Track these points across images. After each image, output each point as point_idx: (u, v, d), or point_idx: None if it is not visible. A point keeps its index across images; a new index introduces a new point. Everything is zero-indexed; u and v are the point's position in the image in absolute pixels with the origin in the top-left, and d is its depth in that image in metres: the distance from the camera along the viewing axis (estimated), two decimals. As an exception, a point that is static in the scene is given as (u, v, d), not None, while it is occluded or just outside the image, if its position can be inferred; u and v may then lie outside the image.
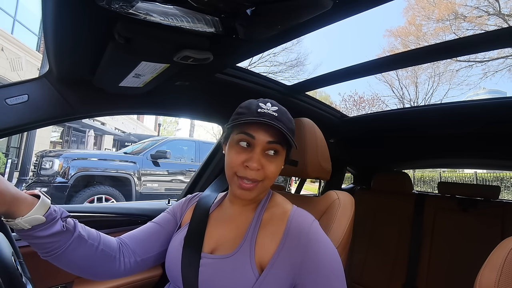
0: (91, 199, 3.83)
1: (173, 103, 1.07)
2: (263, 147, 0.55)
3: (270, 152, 0.56)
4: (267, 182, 0.57)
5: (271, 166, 0.56)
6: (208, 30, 0.53)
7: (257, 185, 0.56)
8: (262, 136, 0.55)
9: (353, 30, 37.82)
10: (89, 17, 0.49)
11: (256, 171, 0.54)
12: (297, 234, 0.53)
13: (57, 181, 3.73)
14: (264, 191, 0.60)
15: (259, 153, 0.55)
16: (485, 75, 12.47)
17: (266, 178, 0.56)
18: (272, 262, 0.51)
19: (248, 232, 0.56)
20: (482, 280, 0.49)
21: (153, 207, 1.33)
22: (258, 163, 0.54)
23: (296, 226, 0.55)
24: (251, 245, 0.54)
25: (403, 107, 9.16)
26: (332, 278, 0.50)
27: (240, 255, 0.53)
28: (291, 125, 0.59)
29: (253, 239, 0.55)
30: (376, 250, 1.74)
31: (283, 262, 0.51)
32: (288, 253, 0.52)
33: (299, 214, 0.58)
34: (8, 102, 0.73)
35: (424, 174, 11.73)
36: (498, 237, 1.38)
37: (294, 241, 0.53)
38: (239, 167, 0.55)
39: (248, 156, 0.55)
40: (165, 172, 4.69)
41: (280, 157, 0.58)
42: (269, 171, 0.55)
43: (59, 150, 5.40)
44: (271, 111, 0.56)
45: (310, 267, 0.50)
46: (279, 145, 0.56)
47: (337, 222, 0.70)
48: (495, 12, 10.86)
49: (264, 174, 0.55)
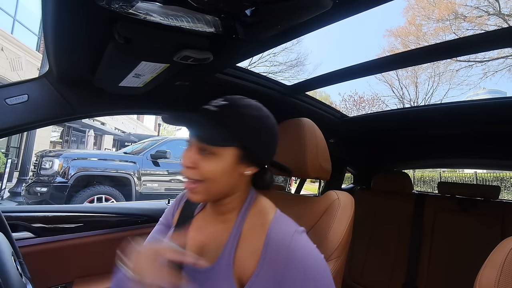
0: (91, 199, 3.83)
1: (173, 103, 1.07)
2: (196, 145, 0.52)
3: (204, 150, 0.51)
4: (210, 184, 0.51)
5: (206, 165, 0.50)
6: (208, 30, 0.53)
7: (197, 186, 0.51)
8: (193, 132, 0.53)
9: (353, 30, 37.85)
10: (89, 17, 0.49)
11: (189, 169, 0.51)
12: (276, 248, 0.48)
13: (57, 181, 3.73)
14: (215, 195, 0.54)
15: (192, 151, 0.52)
16: (485, 75, 12.49)
17: (206, 179, 0.51)
18: (253, 281, 0.47)
19: (227, 244, 0.53)
20: (482, 280, 0.49)
21: (153, 207, 1.33)
22: (188, 161, 0.51)
23: (275, 240, 0.49)
24: (229, 259, 0.50)
25: (403, 107, 9.17)
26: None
27: (219, 270, 0.50)
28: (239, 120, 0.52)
29: (231, 253, 0.51)
30: (376, 250, 1.74)
31: (264, 280, 0.47)
32: (269, 270, 0.47)
33: (279, 225, 0.52)
34: (8, 102, 0.73)
35: (424, 174, 11.73)
36: (498, 237, 1.38)
37: (274, 256, 0.48)
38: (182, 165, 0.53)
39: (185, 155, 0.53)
40: (165, 172, 4.69)
41: (220, 158, 0.51)
42: (203, 170, 0.50)
43: (59, 150, 5.40)
44: (214, 106, 0.52)
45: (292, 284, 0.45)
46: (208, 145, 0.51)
47: (337, 222, 0.70)
48: (495, 12, 10.86)
49: (200, 173, 0.51)
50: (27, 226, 0.96)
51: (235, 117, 0.51)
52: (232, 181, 0.53)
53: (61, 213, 1.06)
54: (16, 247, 0.63)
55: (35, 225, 0.97)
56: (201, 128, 0.50)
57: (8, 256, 0.50)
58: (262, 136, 0.54)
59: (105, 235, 1.12)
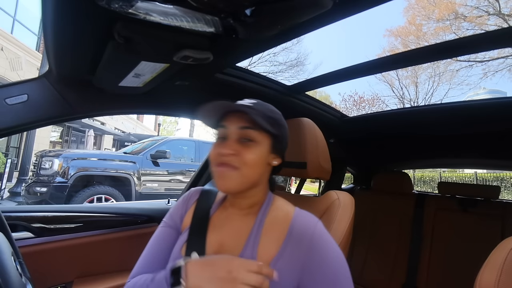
0: (90, 199, 3.83)
1: (173, 103, 1.07)
2: (235, 133, 0.54)
3: (245, 139, 0.54)
4: (246, 170, 0.52)
5: (248, 152, 0.53)
6: (208, 30, 0.53)
7: (232, 172, 0.52)
8: (233, 123, 0.54)
9: (353, 30, 37.83)
10: (89, 16, 0.49)
11: (230, 156, 0.52)
12: (300, 236, 0.52)
13: (56, 181, 3.73)
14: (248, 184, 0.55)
15: (233, 140, 0.54)
16: (485, 75, 12.48)
17: (244, 165, 0.52)
18: (274, 264, 0.50)
19: (250, 238, 0.54)
20: (482, 280, 0.49)
21: (153, 207, 1.33)
22: (230, 148, 0.52)
23: (299, 229, 0.53)
24: (253, 252, 0.52)
25: (403, 107, 9.17)
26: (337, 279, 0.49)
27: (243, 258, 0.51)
28: (272, 114, 0.57)
29: (255, 246, 0.53)
30: (376, 250, 1.74)
31: (285, 263, 0.50)
32: (291, 255, 0.51)
33: (302, 216, 0.57)
34: (7, 102, 0.73)
35: (424, 174, 11.73)
36: (498, 237, 1.38)
37: (297, 243, 0.51)
38: (215, 158, 0.54)
39: (222, 146, 0.54)
40: (164, 172, 4.69)
41: (259, 145, 0.54)
42: (246, 157, 0.52)
43: (59, 150, 5.40)
44: (247, 102, 0.56)
45: (314, 268, 0.49)
46: (252, 130, 0.53)
47: (337, 222, 0.70)
48: (495, 12, 10.86)
49: (240, 160, 0.52)
50: (26, 226, 0.95)
51: (270, 112, 0.57)
52: (263, 169, 0.57)
53: (61, 213, 1.06)
54: (16, 247, 0.63)
55: (34, 225, 0.97)
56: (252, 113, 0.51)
57: (8, 256, 0.50)
58: (285, 130, 0.61)
59: (105, 235, 1.12)
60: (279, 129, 0.57)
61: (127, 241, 1.16)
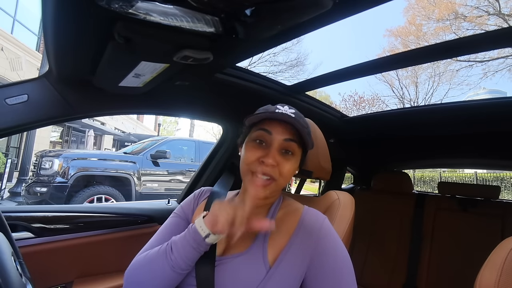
0: (91, 199, 3.83)
1: (173, 103, 1.07)
2: (279, 144, 0.55)
3: (286, 151, 0.56)
4: (281, 181, 0.56)
5: (287, 164, 0.55)
6: (208, 30, 0.53)
7: (271, 183, 0.55)
8: (279, 132, 0.55)
9: (353, 30, 37.85)
10: (89, 17, 0.49)
11: (271, 167, 0.54)
12: (309, 229, 0.55)
13: (56, 181, 3.73)
14: (277, 192, 0.59)
15: (275, 149, 0.55)
16: (485, 75, 12.50)
17: (280, 177, 0.55)
18: (284, 254, 0.53)
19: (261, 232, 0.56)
20: (482, 280, 0.49)
21: (153, 207, 1.33)
22: (274, 159, 0.54)
23: (308, 222, 0.57)
24: (264, 242, 0.55)
25: (403, 107, 9.17)
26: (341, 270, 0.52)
27: (254, 251, 0.54)
28: (308, 128, 0.59)
29: (266, 238, 0.55)
30: (376, 250, 1.74)
31: (294, 254, 0.53)
32: (300, 245, 0.54)
33: (311, 212, 0.60)
34: (8, 102, 0.73)
35: (424, 174, 11.73)
36: (498, 237, 1.38)
37: (306, 235, 0.55)
38: (254, 163, 0.55)
39: (264, 153, 0.55)
40: (165, 172, 4.69)
41: (296, 158, 0.57)
42: (285, 169, 0.55)
43: (59, 150, 5.40)
44: (289, 112, 0.56)
45: (321, 259, 0.52)
46: (295, 144, 0.56)
47: (337, 222, 0.70)
48: (495, 12, 10.86)
49: (279, 172, 0.55)
50: (27, 226, 0.95)
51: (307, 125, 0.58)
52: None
53: (61, 213, 1.06)
54: (16, 247, 0.63)
55: (35, 225, 0.97)
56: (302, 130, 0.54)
57: (8, 256, 0.50)
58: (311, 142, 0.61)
59: (105, 235, 1.12)
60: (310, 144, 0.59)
61: (127, 241, 1.16)
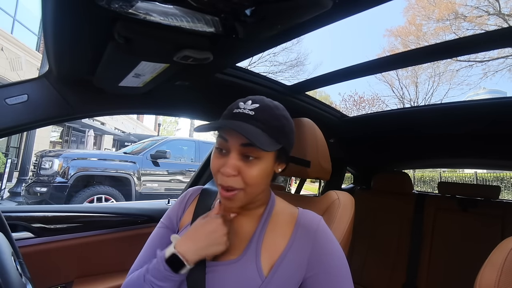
0: (91, 199, 3.83)
1: (173, 103, 1.07)
2: (238, 150, 0.50)
3: (248, 156, 0.50)
4: (250, 189, 0.50)
5: (251, 171, 0.49)
6: (208, 30, 0.53)
7: (237, 194, 0.50)
8: (235, 138, 0.49)
9: (353, 30, 37.85)
10: (89, 17, 0.49)
11: (232, 177, 0.49)
12: (306, 230, 0.54)
13: (56, 181, 3.73)
14: (252, 200, 0.54)
15: (234, 157, 0.49)
16: (485, 75, 12.49)
17: (247, 185, 0.49)
18: (280, 261, 0.51)
19: (254, 236, 0.54)
20: (482, 280, 0.49)
21: (153, 207, 1.33)
22: (232, 168, 0.48)
23: (304, 224, 0.55)
24: (257, 249, 0.52)
25: (403, 107, 9.17)
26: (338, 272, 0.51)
27: (246, 259, 0.51)
28: (277, 122, 0.52)
29: (259, 243, 0.53)
30: (376, 250, 1.74)
31: (291, 261, 0.51)
32: (298, 248, 0.52)
33: (306, 213, 0.59)
34: (8, 102, 0.73)
35: (424, 174, 11.73)
36: (498, 237, 1.38)
37: (303, 236, 0.53)
38: (217, 174, 0.51)
39: (223, 162, 0.50)
40: (164, 172, 4.69)
41: (263, 161, 0.51)
42: (248, 176, 0.49)
43: (59, 150, 5.40)
44: (248, 109, 0.51)
45: (317, 260, 0.51)
46: (254, 148, 0.48)
47: (337, 222, 0.70)
48: (495, 12, 10.86)
49: (243, 181, 0.49)
50: (27, 226, 0.95)
51: (274, 120, 0.52)
52: (269, 180, 0.55)
53: (61, 213, 1.06)
54: (16, 247, 0.63)
55: (35, 225, 0.97)
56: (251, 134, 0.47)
57: (8, 256, 0.50)
58: (292, 134, 0.57)
59: (105, 235, 1.12)
60: (285, 138, 0.53)
61: (127, 241, 1.16)
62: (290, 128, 0.56)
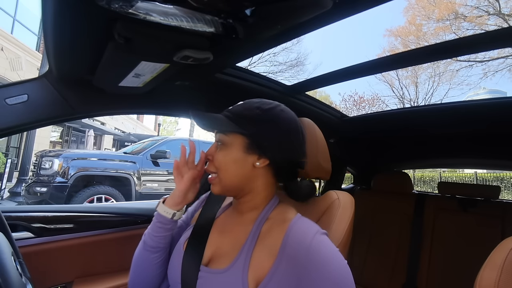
0: (91, 199, 3.83)
1: (173, 103, 1.07)
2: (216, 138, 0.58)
3: (219, 142, 0.57)
4: (221, 174, 0.55)
5: (218, 155, 0.56)
6: (208, 30, 0.53)
7: (215, 178, 0.57)
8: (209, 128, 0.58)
9: (353, 30, 37.85)
10: (89, 17, 0.49)
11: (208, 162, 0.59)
12: (295, 248, 0.46)
13: (56, 181, 3.73)
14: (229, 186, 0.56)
15: (214, 145, 0.58)
16: (485, 75, 12.49)
17: (218, 170, 0.56)
18: (267, 280, 0.46)
19: (245, 245, 0.51)
20: (482, 280, 0.49)
21: (153, 207, 1.33)
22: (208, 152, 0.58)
23: (293, 242, 0.47)
24: (245, 261, 0.49)
25: (403, 107, 9.17)
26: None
27: (234, 271, 0.48)
28: (248, 112, 0.55)
29: (248, 254, 0.50)
30: (376, 250, 1.74)
31: (279, 280, 0.45)
32: (282, 275, 0.45)
33: (298, 226, 0.50)
34: (8, 102, 0.73)
35: (424, 174, 11.73)
36: (498, 237, 1.38)
37: (291, 259, 0.46)
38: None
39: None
40: (164, 172, 4.69)
41: (229, 147, 0.55)
42: (216, 160, 0.56)
43: (59, 150, 5.40)
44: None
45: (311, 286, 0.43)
46: (221, 134, 0.56)
47: (337, 222, 0.70)
48: (495, 12, 10.86)
49: (214, 164, 0.56)
50: (27, 226, 0.95)
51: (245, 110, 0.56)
52: (243, 172, 0.55)
53: (61, 213, 1.06)
54: (16, 247, 0.63)
55: (35, 225, 0.97)
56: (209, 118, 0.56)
57: (8, 256, 0.50)
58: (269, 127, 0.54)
59: (105, 235, 1.12)
60: (254, 126, 0.54)
61: (127, 241, 1.16)
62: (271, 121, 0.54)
